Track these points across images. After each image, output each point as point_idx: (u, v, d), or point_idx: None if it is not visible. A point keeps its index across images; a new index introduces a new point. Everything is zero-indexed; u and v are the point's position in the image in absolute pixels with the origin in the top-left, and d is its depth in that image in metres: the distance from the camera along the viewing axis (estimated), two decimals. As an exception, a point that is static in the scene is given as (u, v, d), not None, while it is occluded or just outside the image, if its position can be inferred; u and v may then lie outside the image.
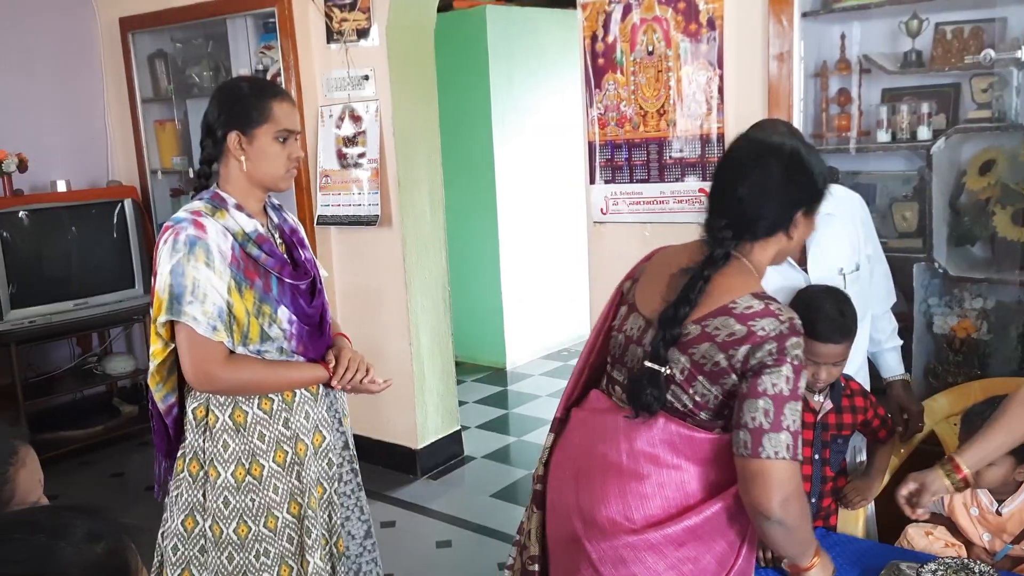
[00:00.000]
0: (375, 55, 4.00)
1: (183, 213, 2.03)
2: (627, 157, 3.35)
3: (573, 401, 1.94)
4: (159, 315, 1.99)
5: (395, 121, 4.02)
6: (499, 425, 5.06)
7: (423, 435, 4.33)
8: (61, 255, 4.60)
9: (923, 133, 2.78)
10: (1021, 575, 2.02)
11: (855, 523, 2.29)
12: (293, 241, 2.20)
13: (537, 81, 6.01)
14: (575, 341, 6.39)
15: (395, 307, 4.21)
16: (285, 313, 2.07)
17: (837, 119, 2.95)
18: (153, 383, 2.10)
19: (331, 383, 2.16)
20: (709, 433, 1.67)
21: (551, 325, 6.32)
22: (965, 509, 2.18)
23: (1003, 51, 2.63)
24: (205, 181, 2.12)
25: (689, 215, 3.16)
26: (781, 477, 1.54)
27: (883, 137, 2.83)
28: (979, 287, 2.81)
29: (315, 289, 2.19)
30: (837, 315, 2.08)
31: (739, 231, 1.67)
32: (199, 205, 2.05)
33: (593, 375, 1.95)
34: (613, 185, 3.40)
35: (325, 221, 4.24)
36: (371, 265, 4.25)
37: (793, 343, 1.58)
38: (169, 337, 2.04)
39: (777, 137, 1.76)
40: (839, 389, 2.21)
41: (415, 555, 3.57)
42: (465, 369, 5.90)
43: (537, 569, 1.91)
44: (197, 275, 1.96)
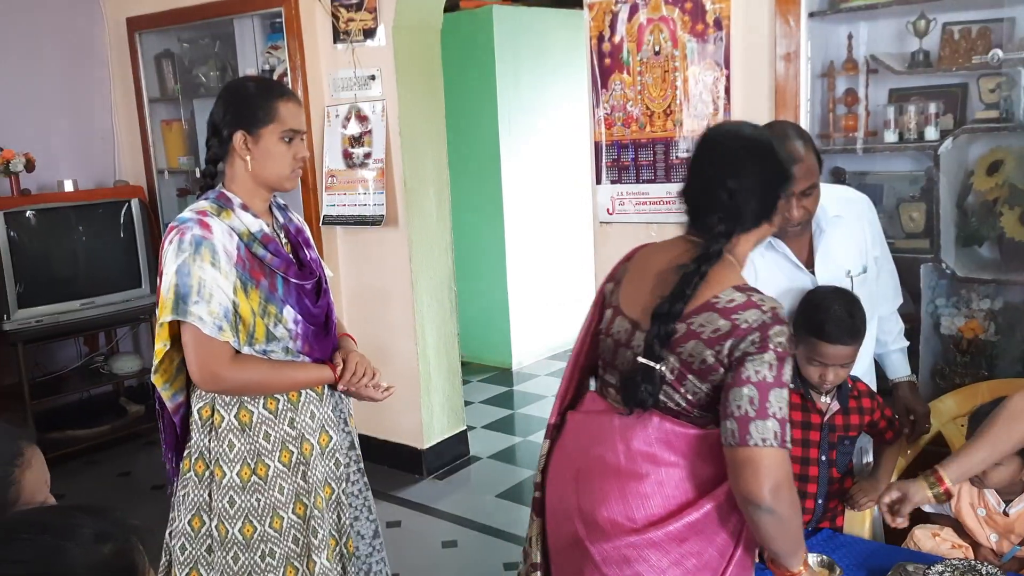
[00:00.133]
0: (381, 55, 4.00)
1: (188, 213, 2.03)
2: (633, 157, 3.35)
3: (567, 405, 1.94)
4: (161, 315, 1.99)
5: (401, 121, 4.03)
6: (505, 425, 5.05)
7: (429, 435, 4.33)
8: (68, 255, 4.61)
9: (930, 133, 2.77)
10: (1029, 577, 2.02)
11: (862, 524, 2.29)
12: (298, 241, 2.20)
13: (543, 81, 6.00)
14: (581, 342, 6.37)
15: (401, 307, 4.22)
16: (291, 313, 2.07)
17: (844, 119, 2.94)
18: (159, 382, 2.10)
19: (337, 385, 2.17)
20: (704, 429, 1.67)
21: (557, 325, 6.30)
22: (972, 510, 2.17)
23: (1011, 51, 2.62)
24: (211, 181, 2.12)
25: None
26: (770, 464, 1.53)
27: (890, 137, 2.83)
28: (987, 288, 2.80)
29: (320, 289, 2.19)
30: (846, 317, 2.07)
31: (731, 224, 1.68)
32: (204, 205, 2.05)
33: (583, 379, 1.95)
34: (619, 185, 3.40)
35: (331, 221, 4.24)
36: (377, 265, 4.25)
37: (776, 331, 1.57)
38: (167, 337, 2.04)
39: (748, 128, 1.77)
40: (846, 390, 2.21)
41: (421, 555, 3.57)
42: (471, 369, 5.90)
43: None
44: (203, 275, 1.96)
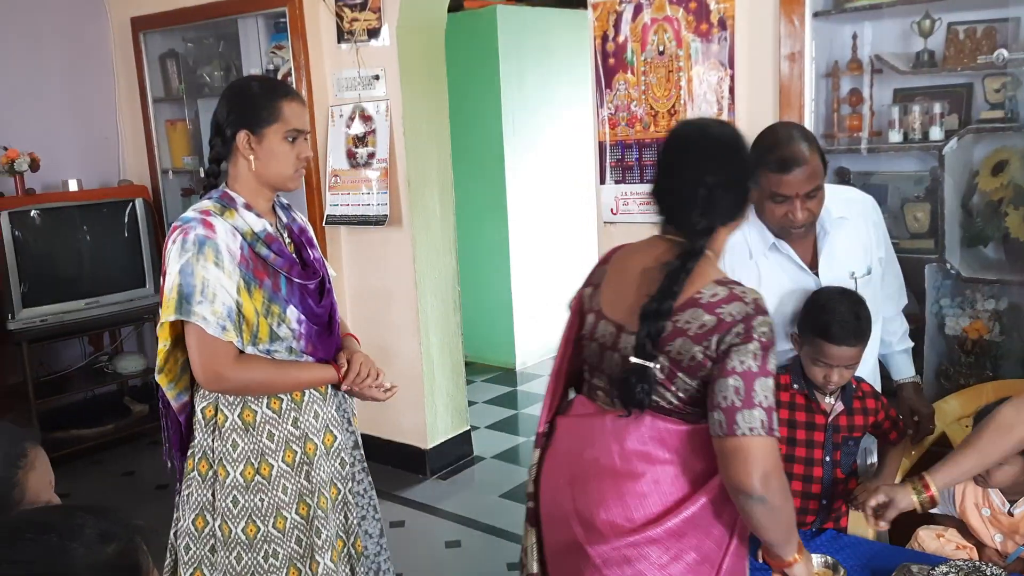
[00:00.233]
0: (386, 55, 4.00)
1: (192, 213, 2.03)
2: (637, 157, 3.35)
3: (555, 411, 1.94)
4: (165, 314, 1.99)
5: (405, 121, 4.02)
6: (508, 425, 5.05)
7: (432, 435, 4.33)
8: (72, 254, 4.62)
9: (935, 133, 2.76)
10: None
11: (866, 525, 2.28)
12: (302, 241, 2.20)
13: (547, 81, 5.99)
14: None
15: (405, 307, 4.22)
16: (294, 313, 2.07)
17: (849, 119, 2.94)
18: (163, 382, 2.10)
19: (341, 385, 2.17)
20: (697, 424, 1.67)
21: (561, 326, 6.26)
22: (977, 510, 2.16)
23: (1016, 51, 2.61)
24: (214, 180, 2.11)
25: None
26: (758, 453, 1.54)
27: (895, 137, 2.82)
28: (991, 288, 2.80)
29: (324, 289, 2.19)
30: (852, 318, 2.07)
31: (712, 219, 1.68)
32: (208, 204, 2.05)
33: (568, 386, 1.96)
34: (623, 185, 3.40)
35: (334, 221, 4.24)
36: (381, 265, 4.25)
37: (759, 321, 1.58)
38: (168, 337, 2.04)
39: (714, 124, 1.78)
40: (850, 391, 2.20)
41: (424, 555, 3.58)
42: (475, 369, 5.90)
43: None
44: (206, 275, 1.96)
